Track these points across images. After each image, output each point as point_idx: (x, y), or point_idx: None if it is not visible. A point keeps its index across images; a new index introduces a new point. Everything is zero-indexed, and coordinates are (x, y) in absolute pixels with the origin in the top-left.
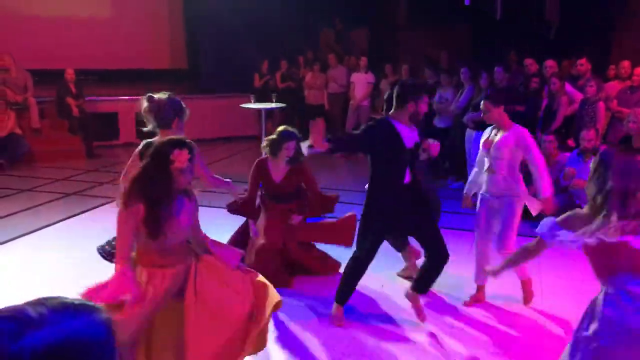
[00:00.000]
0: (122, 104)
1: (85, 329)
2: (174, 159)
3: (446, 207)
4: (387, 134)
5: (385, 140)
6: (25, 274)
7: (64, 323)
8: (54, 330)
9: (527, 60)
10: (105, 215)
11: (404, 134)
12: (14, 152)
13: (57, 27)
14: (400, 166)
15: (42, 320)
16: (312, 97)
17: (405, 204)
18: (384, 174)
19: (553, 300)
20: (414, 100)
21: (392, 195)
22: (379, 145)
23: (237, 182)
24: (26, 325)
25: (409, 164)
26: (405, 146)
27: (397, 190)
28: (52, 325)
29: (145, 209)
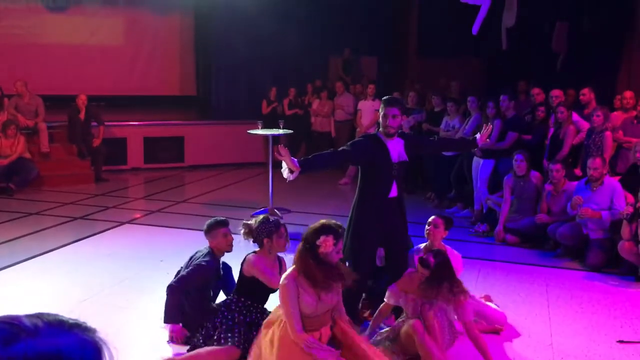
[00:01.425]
0: (131, 129)
1: (77, 345)
2: (320, 244)
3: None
4: (374, 146)
5: (373, 152)
6: (32, 297)
7: (58, 337)
8: (46, 342)
9: (534, 90)
10: (111, 239)
11: (390, 147)
12: (23, 176)
13: (68, 54)
14: (387, 179)
15: (37, 330)
16: (319, 124)
17: (387, 216)
18: (370, 185)
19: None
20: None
21: (377, 207)
22: (366, 156)
23: (243, 208)
24: (20, 333)
25: (395, 178)
26: (391, 160)
27: (382, 203)
28: (46, 337)
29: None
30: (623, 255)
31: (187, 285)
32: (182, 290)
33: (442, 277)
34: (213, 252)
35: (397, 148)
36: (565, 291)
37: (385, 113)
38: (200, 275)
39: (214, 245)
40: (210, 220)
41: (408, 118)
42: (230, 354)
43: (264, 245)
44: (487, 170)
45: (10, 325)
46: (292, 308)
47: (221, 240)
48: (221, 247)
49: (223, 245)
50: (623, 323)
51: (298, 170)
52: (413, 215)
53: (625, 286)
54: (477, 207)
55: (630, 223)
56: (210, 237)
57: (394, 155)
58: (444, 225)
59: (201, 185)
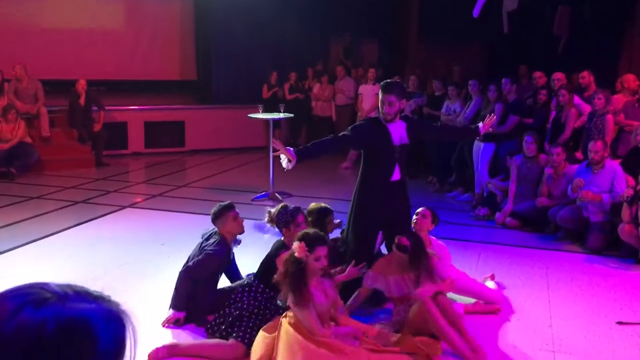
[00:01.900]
0: (132, 114)
1: (103, 315)
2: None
3: (454, 219)
4: (376, 130)
5: (374, 136)
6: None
7: (86, 304)
8: (75, 308)
9: (535, 73)
10: (113, 223)
11: (392, 130)
12: (23, 160)
13: (68, 38)
14: (389, 162)
15: (66, 296)
16: (319, 108)
17: (389, 199)
18: (372, 169)
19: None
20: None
21: (379, 190)
22: (367, 140)
23: (244, 193)
24: (50, 297)
25: (397, 161)
26: (393, 143)
27: (385, 186)
28: (74, 303)
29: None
30: (623, 238)
31: (197, 274)
32: (191, 279)
33: (420, 255)
34: (224, 238)
35: (398, 131)
36: (565, 274)
37: (382, 100)
38: (209, 264)
39: (225, 231)
40: (216, 207)
41: (409, 102)
42: (236, 350)
43: (284, 235)
44: (488, 154)
45: (41, 290)
46: (311, 309)
47: (232, 224)
48: (233, 230)
49: (234, 228)
50: (622, 305)
51: (295, 160)
52: (414, 199)
53: (625, 269)
54: (478, 190)
55: (630, 206)
56: (220, 223)
57: (395, 138)
58: (431, 217)
59: (202, 169)
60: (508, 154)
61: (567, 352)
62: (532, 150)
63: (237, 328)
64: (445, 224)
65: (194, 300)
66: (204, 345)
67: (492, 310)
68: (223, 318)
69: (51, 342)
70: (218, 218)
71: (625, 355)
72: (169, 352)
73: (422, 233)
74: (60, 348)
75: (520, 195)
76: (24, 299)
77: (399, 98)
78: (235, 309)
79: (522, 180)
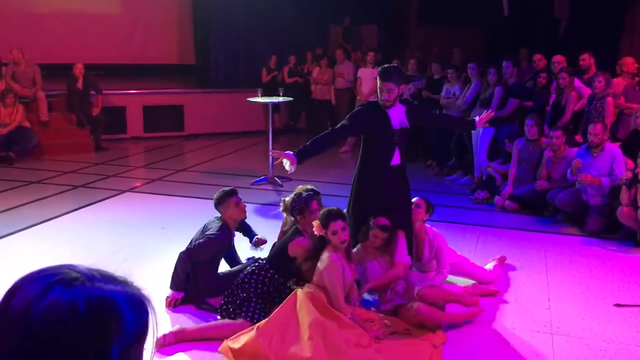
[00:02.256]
0: (131, 98)
1: (127, 298)
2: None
3: (453, 202)
4: (374, 114)
5: (373, 120)
6: (32, 265)
7: (112, 285)
8: (103, 288)
9: (535, 56)
10: (112, 207)
11: (391, 114)
12: (22, 145)
13: (66, 22)
14: (389, 146)
15: (93, 277)
16: (319, 92)
17: (389, 184)
18: (372, 154)
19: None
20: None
21: (379, 175)
22: (367, 125)
23: (244, 177)
24: (79, 277)
25: (397, 145)
26: (392, 127)
27: (384, 171)
28: (102, 283)
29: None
30: (622, 220)
31: (196, 256)
32: (190, 260)
33: (395, 232)
34: (226, 223)
35: (398, 115)
36: (563, 256)
37: (380, 87)
38: (209, 249)
39: (227, 216)
40: (218, 192)
41: (408, 85)
42: (243, 329)
43: (299, 223)
44: (487, 137)
45: (70, 270)
46: (339, 283)
47: (234, 209)
48: (235, 216)
49: (236, 214)
50: (620, 287)
51: (295, 162)
52: (413, 183)
53: (623, 251)
54: (477, 174)
55: (629, 189)
56: (223, 208)
57: (395, 122)
58: (425, 206)
59: (201, 153)
60: (507, 138)
61: (565, 334)
62: (534, 133)
63: (245, 309)
64: (445, 208)
65: (195, 283)
66: (210, 327)
67: (491, 293)
68: (231, 299)
69: (82, 320)
70: (220, 203)
71: (623, 337)
72: (176, 337)
73: (416, 223)
74: (90, 326)
75: (519, 178)
76: (53, 278)
77: (398, 84)
78: (243, 291)
79: (522, 163)
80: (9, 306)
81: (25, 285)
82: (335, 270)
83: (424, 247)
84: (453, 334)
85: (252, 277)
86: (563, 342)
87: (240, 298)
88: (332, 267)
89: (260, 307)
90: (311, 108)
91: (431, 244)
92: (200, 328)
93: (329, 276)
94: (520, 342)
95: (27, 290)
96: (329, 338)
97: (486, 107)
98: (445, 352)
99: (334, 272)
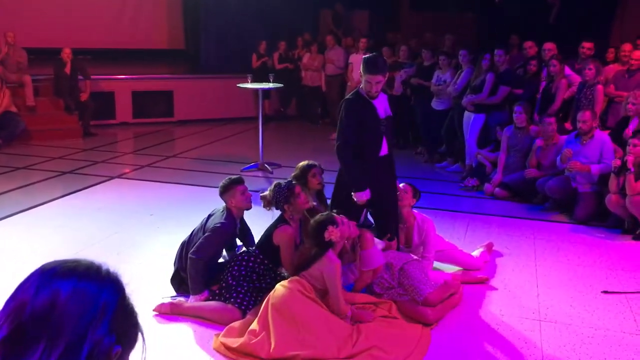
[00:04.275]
0: (119, 83)
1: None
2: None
3: (443, 190)
4: (362, 106)
5: (362, 113)
6: (21, 251)
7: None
8: (114, 273)
9: (526, 43)
10: (101, 193)
11: (376, 104)
12: (9, 130)
13: (53, 5)
14: (377, 136)
15: (99, 266)
16: (309, 78)
17: (377, 175)
18: (360, 146)
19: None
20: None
21: (368, 168)
22: (359, 120)
23: (233, 163)
24: (92, 265)
25: (384, 134)
26: (379, 116)
27: (373, 162)
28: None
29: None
30: (610, 208)
31: (207, 253)
32: (202, 260)
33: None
34: (231, 212)
35: (382, 104)
36: (552, 244)
37: (368, 80)
38: (215, 241)
39: (232, 205)
40: (224, 180)
41: (400, 72)
42: (233, 315)
43: (286, 211)
44: (478, 125)
45: (77, 262)
46: (340, 284)
47: (239, 197)
48: (240, 205)
49: (242, 203)
50: (608, 274)
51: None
52: (404, 170)
53: (611, 239)
54: (468, 162)
55: (617, 176)
56: (228, 197)
57: (380, 111)
58: (412, 192)
59: (191, 140)
60: (498, 125)
61: (553, 321)
62: (522, 121)
63: (235, 294)
64: (435, 195)
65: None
66: (204, 307)
67: (480, 280)
68: (224, 284)
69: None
70: (226, 191)
71: (610, 324)
72: (171, 308)
73: (404, 209)
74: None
75: (509, 166)
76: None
77: (385, 75)
78: (233, 278)
79: (511, 150)
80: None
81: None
82: (337, 271)
83: (413, 232)
84: (441, 321)
85: (242, 264)
86: (551, 329)
87: (230, 284)
88: (335, 269)
89: (250, 294)
90: (302, 94)
91: (420, 229)
92: (195, 306)
93: (331, 277)
94: (509, 329)
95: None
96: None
97: (477, 94)
98: (433, 338)
99: (336, 273)
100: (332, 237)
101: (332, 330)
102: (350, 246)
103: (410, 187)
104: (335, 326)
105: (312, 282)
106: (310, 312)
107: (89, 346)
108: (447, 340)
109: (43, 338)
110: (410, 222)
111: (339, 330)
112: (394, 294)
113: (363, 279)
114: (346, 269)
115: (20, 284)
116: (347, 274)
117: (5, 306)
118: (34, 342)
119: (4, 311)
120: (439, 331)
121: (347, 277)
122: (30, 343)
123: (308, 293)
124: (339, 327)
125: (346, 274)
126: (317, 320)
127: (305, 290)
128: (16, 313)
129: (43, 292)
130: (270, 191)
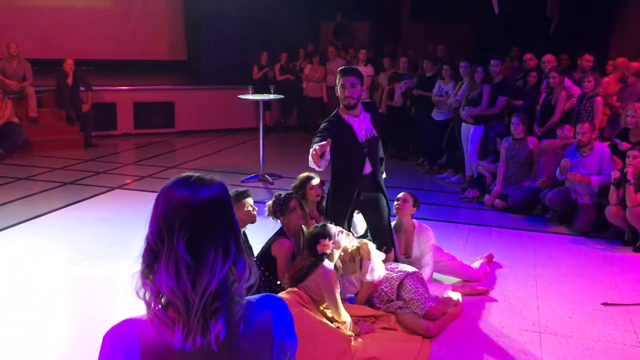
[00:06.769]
0: (121, 94)
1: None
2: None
3: (443, 201)
4: (340, 130)
5: (340, 136)
6: (22, 261)
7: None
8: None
9: (526, 55)
10: (102, 204)
11: (356, 128)
12: (11, 140)
13: (56, 17)
14: (359, 157)
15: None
16: (310, 89)
17: (362, 191)
18: (342, 165)
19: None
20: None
21: (351, 184)
22: (334, 139)
23: (234, 174)
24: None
25: (367, 156)
26: (359, 140)
27: (356, 179)
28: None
29: None
30: (610, 219)
31: None
32: None
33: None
34: None
35: (362, 126)
36: (552, 255)
37: (342, 83)
38: None
39: (237, 218)
40: (231, 192)
41: (400, 84)
42: None
43: (283, 223)
44: (478, 136)
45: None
46: (337, 292)
47: (244, 212)
48: (245, 218)
49: (247, 217)
50: (608, 286)
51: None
52: (405, 181)
53: (611, 250)
54: (468, 173)
55: (617, 188)
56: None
57: (360, 135)
58: (412, 201)
59: (192, 150)
60: (497, 136)
61: (553, 333)
62: (520, 132)
63: None
64: (435, 206)
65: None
66: None
67: (480, 291)
68: None
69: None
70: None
71: (610, 336)
72: None
73: (404, 218)
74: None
75: (508, 178)
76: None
77: (360, 80)
78: None
79: (509, 161)
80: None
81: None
82: (331, 281)
83: (412, 242)
84: (441, 332)
85: None
86: (551, 341)
87: None
88: (329, 279)
89: None
90: (302, 105)
91: (420, 238)
92: None
93: (326, 287)
94: (509, 341)
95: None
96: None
97: (475, 106)
98: (433, 349)
99: (330, 282)
100: (325, 250)
101: (331, 342)
102: (349, 257)
103: (410, 196)
104: (334, 337)
105: (309, 294)
106: (309, 323)
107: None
108: (447, 352)
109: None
110: (411, 232)
111: (338, 341)
112: (394, 306)
113: (365, 291)
114: (345, 281)
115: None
116: (346, 286)
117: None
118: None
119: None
120: (439, 343)
121: (346, 289)
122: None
123: (306, 304)
124: (338, 339)
125: (345, 286)
126: (316, 332)
127: (303, 301)
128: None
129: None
130: (271, 201)
